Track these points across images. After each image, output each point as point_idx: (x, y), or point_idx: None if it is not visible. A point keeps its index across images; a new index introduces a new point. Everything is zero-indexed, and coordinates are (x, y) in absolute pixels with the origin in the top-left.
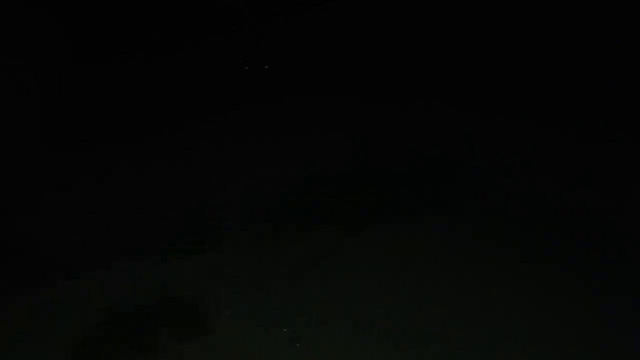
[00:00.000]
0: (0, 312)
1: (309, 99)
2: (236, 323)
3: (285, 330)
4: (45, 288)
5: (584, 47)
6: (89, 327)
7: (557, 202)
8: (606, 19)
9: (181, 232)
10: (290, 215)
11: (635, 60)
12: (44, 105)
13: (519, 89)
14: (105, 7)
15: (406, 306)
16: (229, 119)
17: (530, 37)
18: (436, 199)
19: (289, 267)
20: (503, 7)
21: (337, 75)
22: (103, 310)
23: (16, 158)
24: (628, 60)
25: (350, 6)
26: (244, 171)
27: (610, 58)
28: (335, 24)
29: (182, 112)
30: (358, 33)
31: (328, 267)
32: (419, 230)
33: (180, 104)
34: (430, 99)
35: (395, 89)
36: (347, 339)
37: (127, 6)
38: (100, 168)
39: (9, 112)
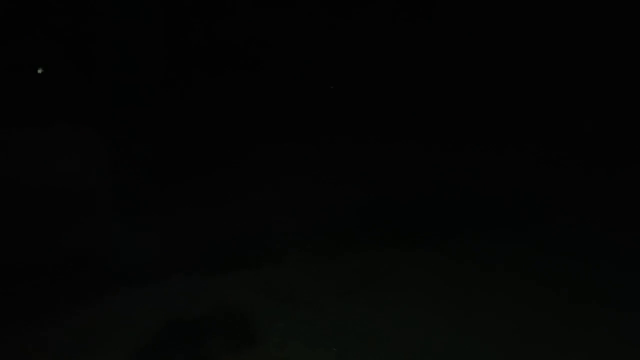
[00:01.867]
0: (62, 321)
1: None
2: (286, 338)
3: (334, 349)
4: (106, 298)
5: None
6: (147, 337)
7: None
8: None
9: (237, 247)
10: (343, 233)
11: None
12: None
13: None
14: None
15: (455, 326)
16: (282, 131)
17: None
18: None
19: (341, 285)
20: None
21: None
22: (161, 321)
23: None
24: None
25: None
26: (299, 188)
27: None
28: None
29: (235, 127)
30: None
31: (379, 285)
32: (468, 249)
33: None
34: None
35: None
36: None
37: None
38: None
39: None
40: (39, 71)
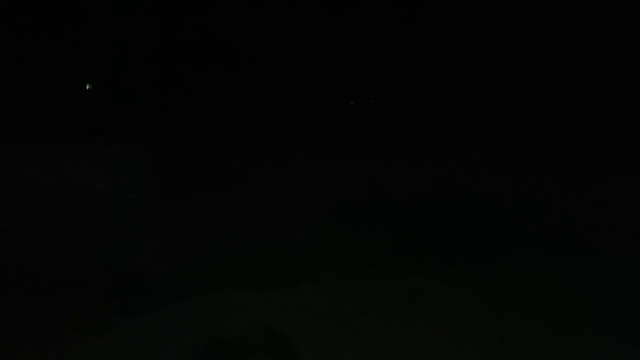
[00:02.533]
0: (103, 338)
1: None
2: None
3: None
4: (141, 315)
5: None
6: (182, 356)
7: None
8: None
9: (277, 266)
10: (377, 252)
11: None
12: None
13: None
14: None
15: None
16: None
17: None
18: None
19: (375, 304)
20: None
21: None
22: (196, 339)
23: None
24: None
25: None
26: (336, 209)
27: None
28: None
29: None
30: None
31: (420, 305)
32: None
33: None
34: None
35: None
36: None
37: None
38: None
39: None
40: (87, 87)
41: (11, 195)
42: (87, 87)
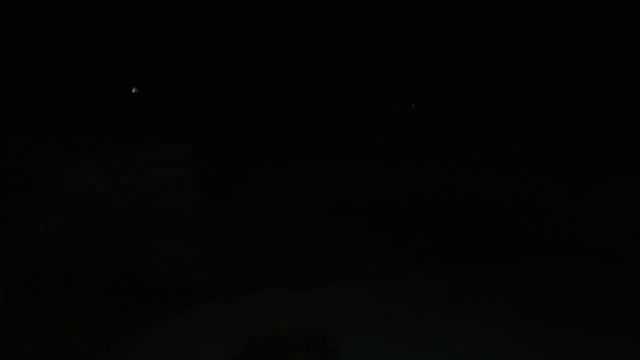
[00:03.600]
0: (146, 336)
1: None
2: (363, 354)
3: None
4: (184, 314)
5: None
6: (225, 353)
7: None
8: None
9: (307, 264)
10: (408, 254)
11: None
12: None
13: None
14: None
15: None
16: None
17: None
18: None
19: (410, 306)
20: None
21: None
22: (239, 338)
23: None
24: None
25: None
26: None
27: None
28: None
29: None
30: None
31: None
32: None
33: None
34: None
35: None
36: None
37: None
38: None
39: None
40: (133, 90)
41: None
42: (134, 90)
